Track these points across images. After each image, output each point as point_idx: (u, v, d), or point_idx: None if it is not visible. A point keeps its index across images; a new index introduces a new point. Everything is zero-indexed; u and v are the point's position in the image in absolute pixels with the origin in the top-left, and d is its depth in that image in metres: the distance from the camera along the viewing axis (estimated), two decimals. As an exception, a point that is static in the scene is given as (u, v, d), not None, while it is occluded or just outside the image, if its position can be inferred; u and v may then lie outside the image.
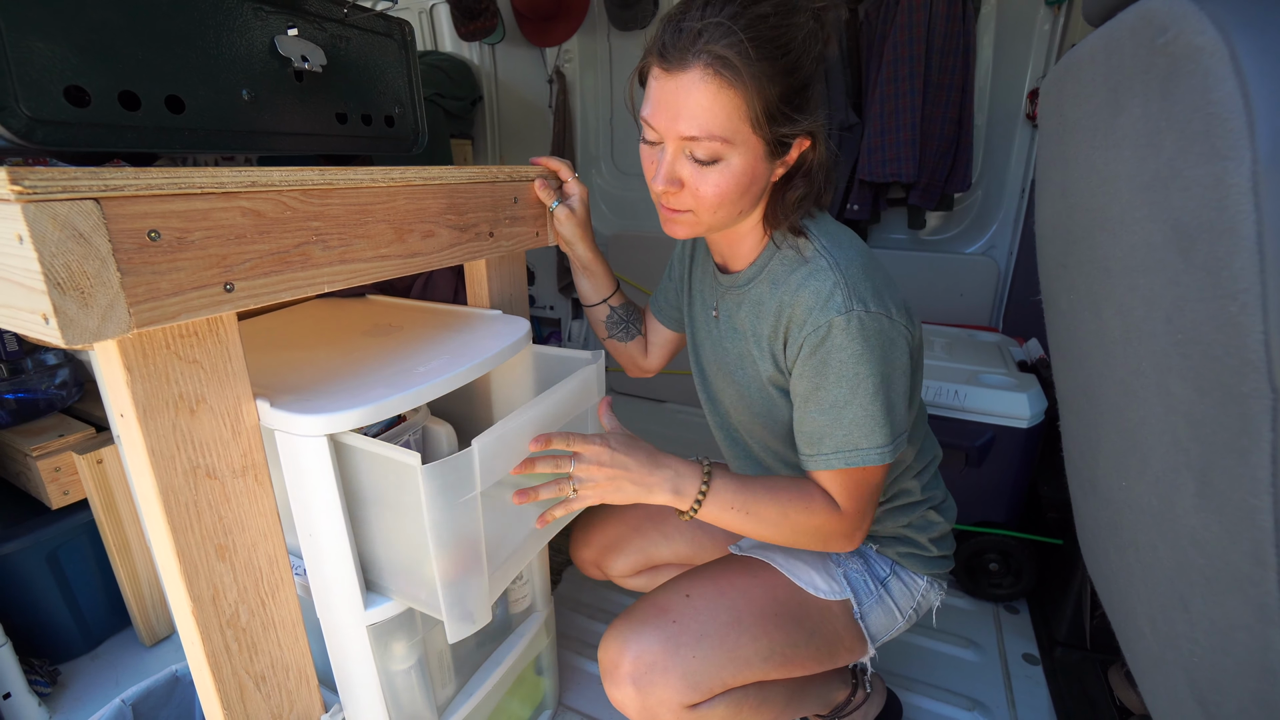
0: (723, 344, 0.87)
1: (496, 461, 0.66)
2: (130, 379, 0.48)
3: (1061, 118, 0.59)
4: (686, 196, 0.69)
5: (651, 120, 0.67)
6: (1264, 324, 0.29)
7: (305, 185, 0.54)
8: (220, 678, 0.60)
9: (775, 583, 0.85)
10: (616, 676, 0.78)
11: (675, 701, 0.77)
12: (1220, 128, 0.30)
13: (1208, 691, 0.40)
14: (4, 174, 0.37)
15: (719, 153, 0.65)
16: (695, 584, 0.85)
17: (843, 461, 0.72)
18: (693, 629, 0.79)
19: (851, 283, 0.69)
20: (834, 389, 0.70)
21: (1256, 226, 0.29)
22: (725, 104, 0.62)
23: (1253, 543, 0.32)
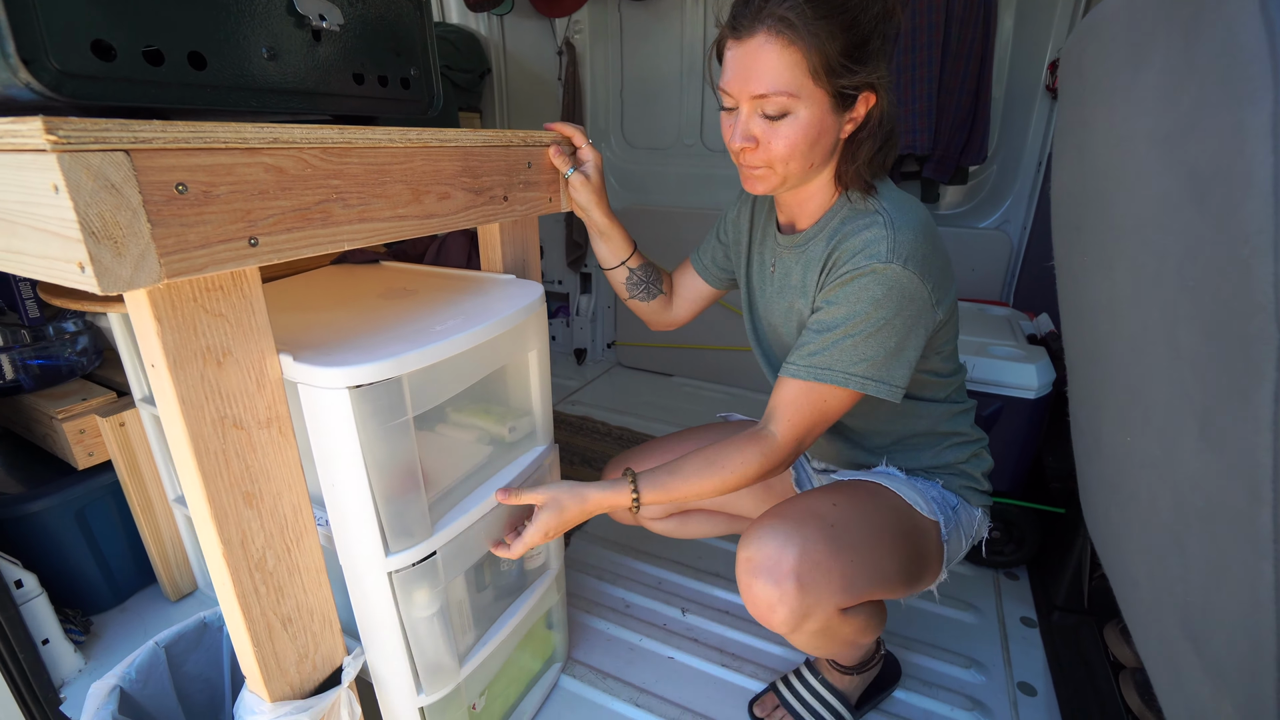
0: (775, 299, 0.92)
1: (426, 388, 0.67)
2: (161, 330, 0.50)
3: (1082, 79, 0.58)
4: (761, 152, 0.75)
5: (727, 86, 0.74)
6: (1274, 266, 0.30)
7: (325, 143, 0.55)
8: (250, 618, 0.63)
9: (896, 503, 0.89)
10: (778, 572, 0.77)
11: (832, 603, 0.79)
12: (1243, 72, 0.30)
13: (1198, 628, 0.42)
14: (39, 123, 0.38)
15: (786, 106, 0.71)
16: (834, 495, 0.88)
17: (811, 374, 0.77)
18: (849, 535, 0.82)
19: (899, 242, 0.74)
20: (838, 313, 0.76)
21: (1273, 171, 0.29)
22: (788, 60, 0.69)
23: (1250, 479, 0.33)
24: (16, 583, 1.04)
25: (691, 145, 2.40)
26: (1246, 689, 0.38)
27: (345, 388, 0.59)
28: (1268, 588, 0.35)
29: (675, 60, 2.33)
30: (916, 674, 1.18)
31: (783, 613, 0.78)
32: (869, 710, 1.09)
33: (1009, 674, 1.18)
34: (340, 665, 0.74)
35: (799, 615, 0.78)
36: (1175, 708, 0.53)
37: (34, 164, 0.40)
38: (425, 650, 0.77)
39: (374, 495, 0.66)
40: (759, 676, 1.17)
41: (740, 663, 1.20)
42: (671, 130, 2.42)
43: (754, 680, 1.16)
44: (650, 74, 2.39)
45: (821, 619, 0.80)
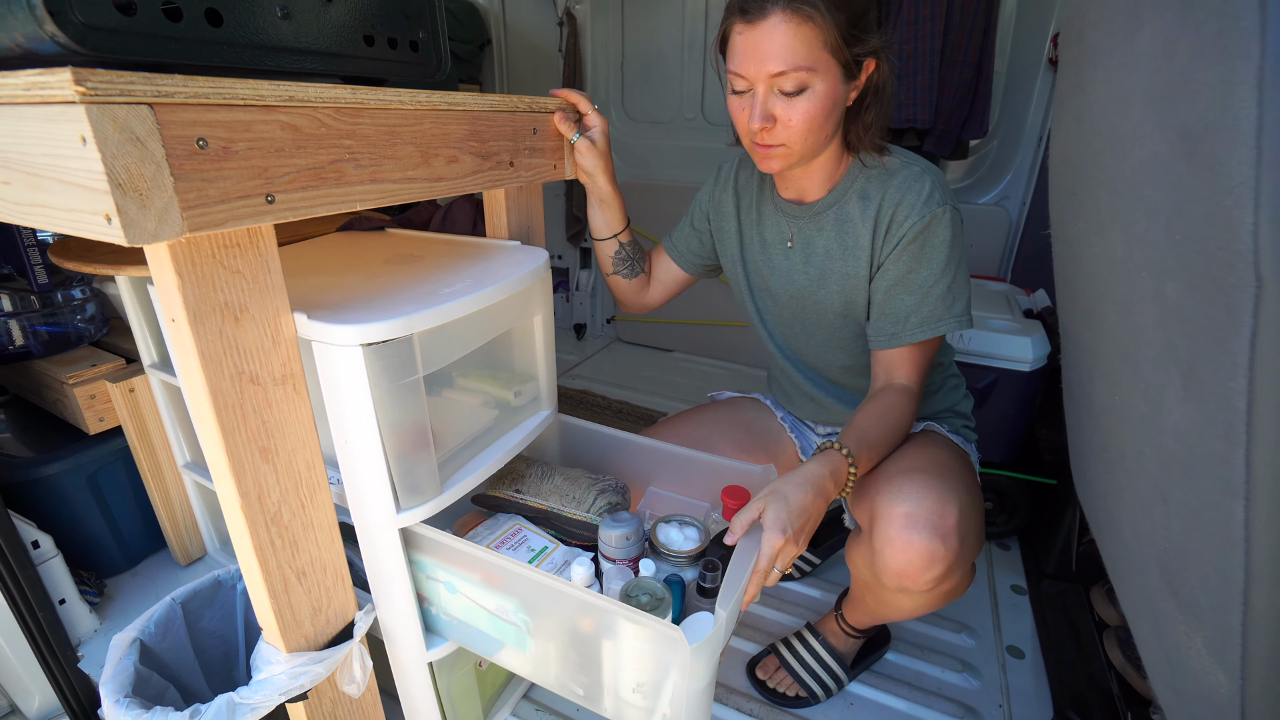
0: (797, 271, 0.94)
1: (436, 348, 0.68)
2: (182, 284, 0.51)
3: (1082, 44, 0.59)
4: (779, 131, 0.77)
5: (741, 70, 0.76)
6: (1254, 216, 0.31)
7: (339, 103, 0.56)
8: (267, 570, 0.65)
9: (962, 452, 0.95)
10: (944, 527, 0.77)
11: (973, 557, 0.83)
12: (1233, 27, 0.32)
13: (1176, 573, 0.44)
14: (68, 74, 0.39)
15: (805, 81, 0.73)
16: (933, 446, 0.91)
17: (929, 332, 0.84)
18: (973, 490, 0.86)
19: (940, 183, 0.82)
20: (926, 271, 0.82)
21: (1257, 123, 0.31)
22: (805, 37, 0.71)
23: (1227, 423, 0.36)
24: (34, 543, 1.07)
25: (692, 119, 2.38)
26: (1216, 622, 0.41)
27: (359, 345, 0.61)
28: (1239, 525, 0.37)
29: (676, 33, 2.30)
30: (909, 638, 1.22)
31: (939, 569, 0.77)
32: (863, 671, 1.13)
33: (998, 638, 1.22)
34: (352, 620, 0.77)
35: (952, 570, 0.79)
36: (1152, 653, 0.56)
37: (62, 116, 0.41)
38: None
39: (385, 452, 0.68)
40: (757, 639, 1.21)
41: (739, 626, 1.24)
42: (672, 104, 2.40)
43: (752, 644, 1.20)
44: (651, 47, 2.37)
45: (960, 574, 0.82)
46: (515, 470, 0.93)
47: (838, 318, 0.93)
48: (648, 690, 0.71)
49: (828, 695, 1.08)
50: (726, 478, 0.92)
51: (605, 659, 0.72)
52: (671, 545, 0.82)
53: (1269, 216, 0.31)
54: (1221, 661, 0.41)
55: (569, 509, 0.88)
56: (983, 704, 1.08)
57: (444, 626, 0.83)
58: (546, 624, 0.73)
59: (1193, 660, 0.44)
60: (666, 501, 0.99)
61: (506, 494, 0.90)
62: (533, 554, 0.84)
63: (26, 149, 0.46)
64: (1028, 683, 1.12)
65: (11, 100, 0.44)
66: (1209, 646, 0.42)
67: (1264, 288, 0.32)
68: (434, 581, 0.79)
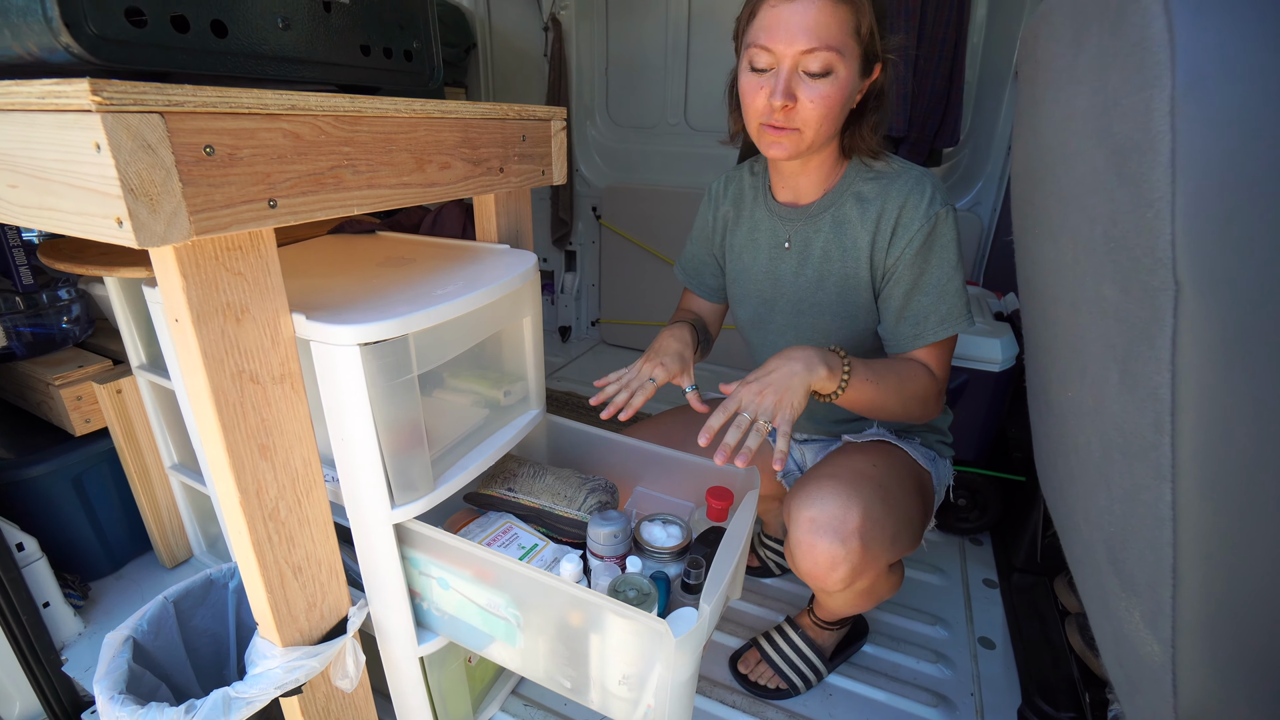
0: (793, 274, 0.95)
1: (430, 348, 0.71)
2: (186, 285, 0.53)
3: (1036, 61, 0.64)
4: (796, 113, 0.78)
5: (769, 43, 0.75)
6: (1171, 226, 0.36)
7: (338, 111, 0.58)
8: (264, 564, 0.67)
9: (907, 459, 0.96)
10: (844, 530, 0.79)
11: (884, 559, 0.84)
12: (1150, 59, 0.36)
13: (1117, 550, 0.48)
14: (86, 84, 0.41)
15: (831, 64, 0.75)
16: (868, 455, 0.92)
17: (950, 329, 0.86)
18: (892, 494, 0.87)
19: (940, 187, 0.85)
20: (938, 271, 0.84)
21: (1171, 144, 0.35)
22: (840, 18, 0.74)
23: (1155, 413, 0.40)
24: (18, 545, 1.06)
25: (675, 124, 2.43)
26: (1151, 596, 0.45)
27: (356, 345, 0.63)
28: (1166, 506, 0.41)
29: (660, 39, 2.34)
30: (886, 631, 1.26)
31: (843, 571, 0.81)
32: (841, 663, 1.17)
33: (970, 630, 1.27)
34: (346, 615, 0.79)
35: (856, 572, 0.82)
36: (1102, 630, 0.60)
37: (77, 123, 0.43)
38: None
39: (381, 448, 0.70)
40: (739, 634, 1.24)
41: (721, 621, 1.27)
42: (656, 109, 2.44)
43: (734, 638, 1.23)
44: (636, 53, 2.40)
45: (872, 576, 0.85)
46: (507, 469, 0.96)
47: (836, 319, 0.94)
48: (633, 682, 0.74)
49: (808, 687, 1.12)
50: (711, 478, 0.95)
51: (593, 652, 0.74)
52: (656, 542, 0.85)
53: (1183, 228, 0.35)
54: (1155, 632, 0.45)
55: (560, 507, 0.90)
56: (955, 693, 1.12)
57: (435, 621, 0.85)
58: (536, 618, 0.76)
59: (1133, 632, 0.48)
60: (653, 501, 1.02)
61: (499, 492, 0.93)
62: (523, 551, 0.87)
63: (37, 154, 0.48)
64: (998, 671, 1.17)
65: (25, 107, 0.46)
66: (1145, 619, 0.46)
67: (1182, 290, 0.36)
68: (426, 577, 0.81)
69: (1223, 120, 0.33)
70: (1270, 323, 0.34)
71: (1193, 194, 0.35)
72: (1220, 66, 0.33)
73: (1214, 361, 0.37)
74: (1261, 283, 0.34)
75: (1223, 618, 0.42)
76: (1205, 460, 0.39)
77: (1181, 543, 0.41)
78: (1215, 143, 0.34)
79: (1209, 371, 0.37)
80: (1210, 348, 0.37)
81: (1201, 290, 0.36)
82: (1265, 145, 0.33)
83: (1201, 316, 0.36)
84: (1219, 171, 0.34)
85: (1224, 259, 0.34)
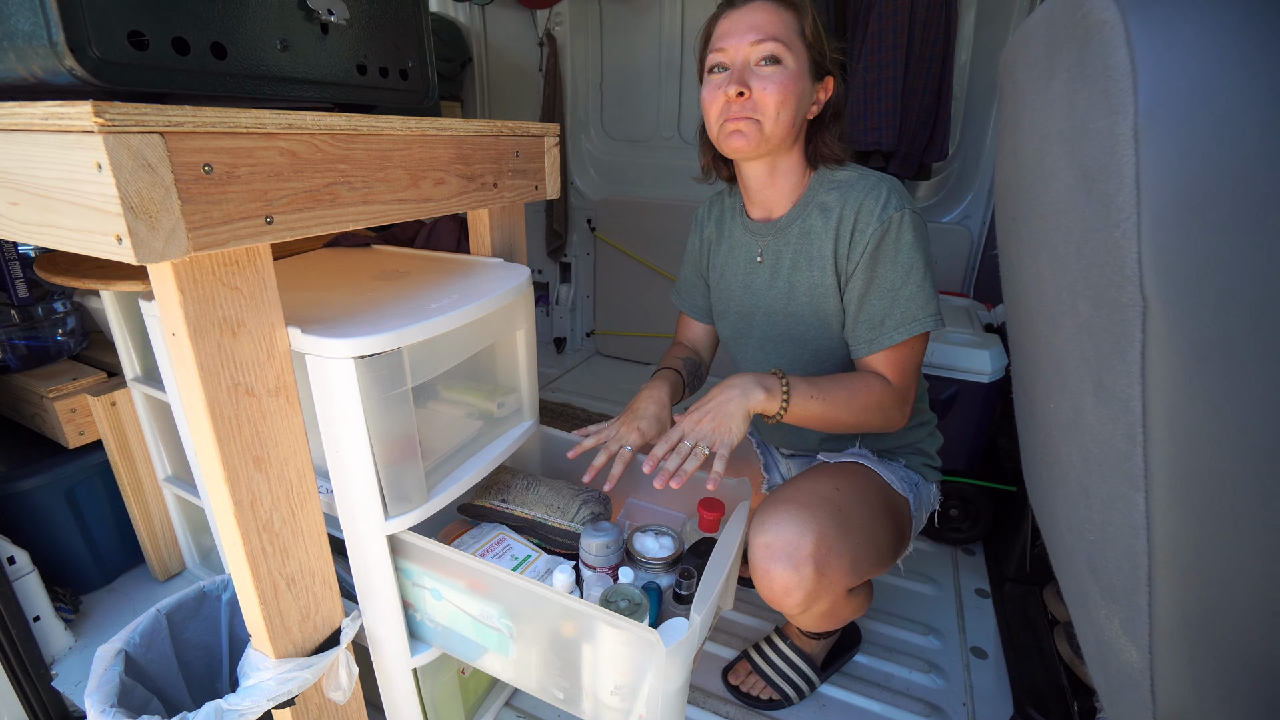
0: (767, 286, 0.98)
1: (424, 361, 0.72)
2: (183, 300, 0.54)
3: (1015, 83, 0.66)
4: (752, 101, 0.83)
5: (724, 44, 0.84)
6: (1138, 245, 0.37)
7: (334, 129, 0.60)
8: (258, 576, 0.67)
9: (879, 483, 0.96)
10: (797, 556, 0.80)
11: (842, 584, 0.85)
12: (1114, 86, 0.37)
13: (1097, 559, 0.49)
14: (89, 106, 0.42)
15: (778, 52, 0.82)
16: (833, 478, 0.92)
17: (905, 333, 0.85)
18: (853, 519, 0.87)
19: (896, 190, 0.86)
20: (891, 274, 0.85)
21: (1135, 167, 0.36)
22: (783, 17, 0.83)
23: (1128, 425, 0.41)
24: (9, 559, 1.06)
25: (669, 138, 2.45)
26: (1128, 603, 0.46)
27: (351, 358, 0.64)
28: (1141, 515, 0.42)
29: (654, 54, 2.38)
30: (878, 641, 1.26)
31: (798, 596, 0.82)
32: (833, 672, 1.17)
33: (963, 640, 1.28)
34: (339, 626, 0.79)
35: (812, 598, 0.83)
36: (1087, 639, 0.61)
37: (79, 144, 0.44)
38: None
39: (375, 460, 0.70)
40: (732, 645, 1.24)
41: (714, 632, 1.27)
42: (650, 123, 2.47)
43: (727, 649, 1.23)
44: (629, 67, 2.44)
45: (830, 600, 0.86)
46: (501, 480, 0.96)
47: (810, 329, 0.96)
48: (625, 692, 0.74)
49: (800, 697, 1.12)
50: (704, 490, 0.96)
51: (585, 662, 0.75)
52: (648, 553, 0.85)
53: (1149, 246, 0.36)
54: (1134, 639, 0.46)
55: (553, 518, 0.91)
56: (948, 703, 1.13)
57: (428, 633, 0.85)
58: (529, 629, 0.76)
59: (1113, 640, 0.49)
60: (645, 512, 1.03)
61: (492, 503, 0.93)
62: (516, 562, 0.87)
63: (39, 173, 0.49)
64: (990, 681, 1.18)
65: (28, 128, 0.47)
66: (1124, 626, 0.47)
67: (1149, 306, 0.37)
68: (420, 588, 0.82)
69: (1183, 145, 0.35)
70: (1231, 336, 0.36)
71: (1157, 214, 0.36)
72: (1180, 94, 0.35)
73: (1181, 374, 0.38)
74: (1221, 298, 0.35)
75: (1197, 624, 0.43)
76: (1176, 469, 0.40)
77: (1156, 551, 0.42)
78: (1176, 166, 0.35)
79: (1177, 383, 0.38)
80: (1177, 361, 0.38)
81: (1167, 306, 0.37)
82: (1222, 169, 0.34)
83: (1168, 331, 0.38)
84: (1180, 193, 0.35)
85: (1187, 276, 0.36)
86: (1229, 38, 0.34)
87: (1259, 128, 0.33)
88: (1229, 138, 0.34)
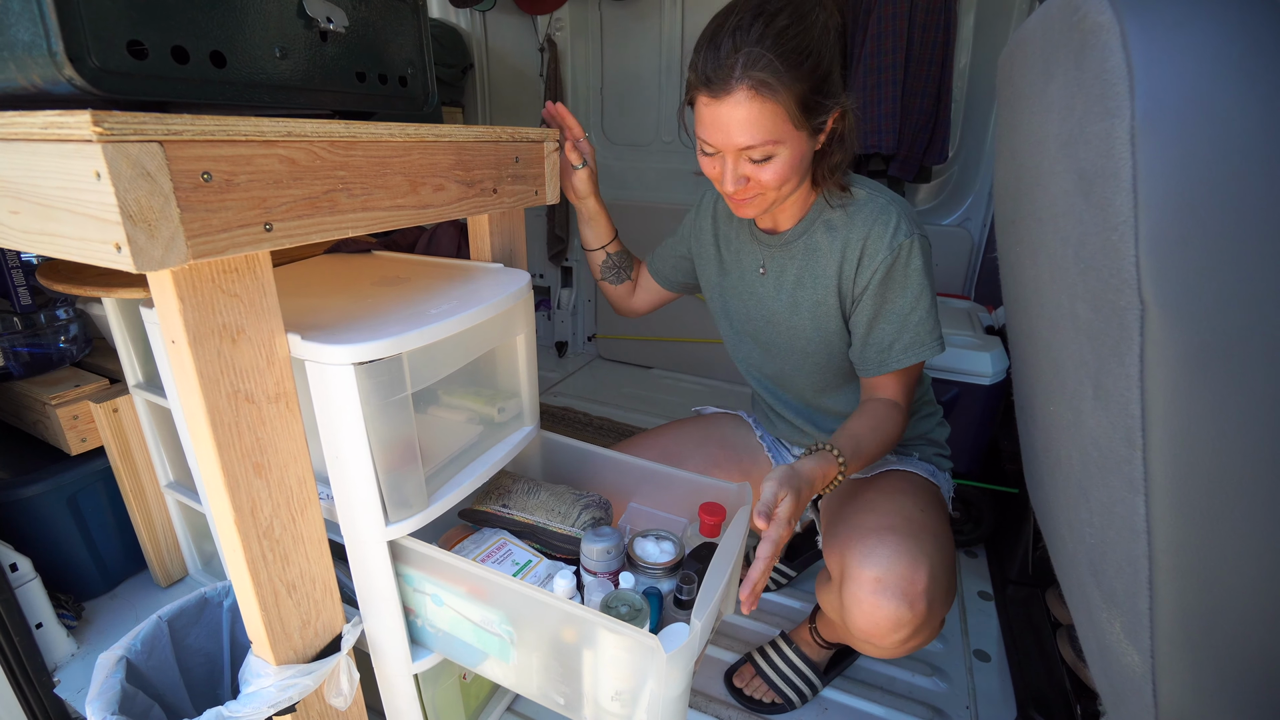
0: (770, 297, 0.98)
1: (424, 367, 0.72)
2: (183, 308, 0.55)
3: (1012, 87, 0.66)
4: (752, 187, 0.81)
5: (709, 139, 0.79)
6: (1135, 249, 0.37)
7: (333, 137, 0.60)
8: (259, 582, 0.67)
9: (929, 486, 0.98)
10: (913, 592, 0.78)
11: (942, 614, 0.83)
12: (1111, 90, 0.37)
13: (1098, 563, 0.49)
14: (88, 116, 0.43)
15: (771, 151, 0.77)
16: (909, 496, 0.92)
17: (913, 358, 0.87)
18: (943, 541, 0.87)
19: (906, 214, 0.85)
20: (900, 299, 0.86)
21: (1132, 171, 0.36)
22: (769, 114, 0.73)
23: (1127, 429, 0.41)
24: (11, 566, 1.06)
25: (670, 142, 2.46)
26: (1129, 606, 0.45)
27: (350, 364, 0.64)
28: (1140, 519, 0.42)
29: (654, 59, 2.38)
30: (880, 642, 1.26)
31: (906, 632, 0.79)
32: (835, 676, 1.17)
33: (966, 643, 1.27)
34: (340, 633, 0.79)
35: (917, 633, 0.80)
36: (1089, 642, 0.61)
37: (78, 153, 0.45)
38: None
39: (375, 466, 0.70)
40: (734, 649, 1.24)
41: (716, 636, 1.27)
42: (650, 127, 2.48)
43: (730, 653, 1.23)
44: (630, 72, 2.45)
45: (928, 632, 0.83)
46: (501, 485, 0.96)
47: (811, 343, 0.96)
48: (626, 698, 0.74)
49: (803, 701, 1.11)
50: (705, 494, 0.96)
51: (585, 668, 0.74)
52: (648, 559, 0.85)
53: (1146, 250, 0.36)
54: (1135, 642, 0.46)
55: (554, 523, 0.91)
56: (951, 706, 1.12)
57: (429, 638, 0.85)
58: (530, 635, 0.76)
59: (1115, 644, 0.49)
60: (646, 517, 1.03)
61: (493, 509, 0.93)
62: (517, 567, 0.87)
63: (39, 182, 0.49)
64: (993, 684, 1.17)
65: (28, 137, 0.47)
66: (1125, 630, 0.47)
67: (1147, 309, 0.37)
68: (420, 594, 0.81)
69: (1179, 148, 0.35)
70: (1229, 339, 0.36)
71: (1154, 218, 0.36)
72: (1176, 98, 0.35)
73: (1180, 377, 0.38)
74: (1219, 301, 0.35)
75: (1199, 628, 0.43)
76: (1176, 473, 0.40)
77: (1157, 555, 0.42)
78: (1173, 170, 0.35)
79: (1176, 387, 0.38)
80: (1176, 364, 0.38)
81: (1165, 309, 0.37)
82: (1218, 172, 0.34)
83: (1166, 334, 0.37)
84: (1177, 197, 0.35)
85: (1184, 280, 0.36)
86: (1224, 42, 0.34)
87: (1255, 131, 0.33)
88: (1225, 141, 0.34)
